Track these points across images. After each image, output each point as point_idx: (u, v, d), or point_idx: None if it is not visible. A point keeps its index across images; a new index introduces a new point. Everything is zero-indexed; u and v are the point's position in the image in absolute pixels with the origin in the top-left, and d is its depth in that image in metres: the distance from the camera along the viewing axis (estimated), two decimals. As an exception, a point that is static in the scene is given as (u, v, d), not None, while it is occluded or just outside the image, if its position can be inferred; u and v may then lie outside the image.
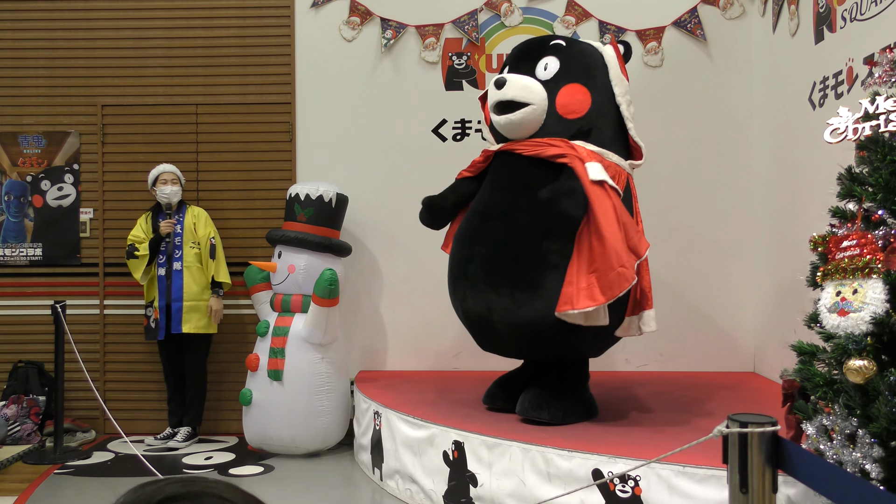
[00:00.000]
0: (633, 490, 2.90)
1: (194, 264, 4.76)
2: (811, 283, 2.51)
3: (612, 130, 3.65)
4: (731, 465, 1.62)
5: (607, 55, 3.71)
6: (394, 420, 3.87)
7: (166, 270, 4.73)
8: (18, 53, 5.21)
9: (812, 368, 2.37)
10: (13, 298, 5.20)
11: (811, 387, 2.34)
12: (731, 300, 4.94)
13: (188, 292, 4.72)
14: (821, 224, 2.64)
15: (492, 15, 5.07)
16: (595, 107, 3.60)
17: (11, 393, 4.93)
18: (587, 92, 3.59)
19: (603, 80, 3.66)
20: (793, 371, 2.49)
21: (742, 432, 1.58)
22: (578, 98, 3.57)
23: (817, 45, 3.91)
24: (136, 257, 4.74)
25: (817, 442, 2.25)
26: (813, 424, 2.28)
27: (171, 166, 4.87)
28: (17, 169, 5.20)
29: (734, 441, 1.60)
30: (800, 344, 2.48)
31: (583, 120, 3.57)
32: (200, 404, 4.89)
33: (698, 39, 4.97)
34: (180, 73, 5.17)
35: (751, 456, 1.58)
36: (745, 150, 4.92)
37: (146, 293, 4.83)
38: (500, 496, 3.26)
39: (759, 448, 1.57)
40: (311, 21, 5.14)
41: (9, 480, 4.20)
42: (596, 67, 3.67)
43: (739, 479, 1.58)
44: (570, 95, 3.57)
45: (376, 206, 5.08)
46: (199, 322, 4.75)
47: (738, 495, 1.56)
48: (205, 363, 4.92)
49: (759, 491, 1.55)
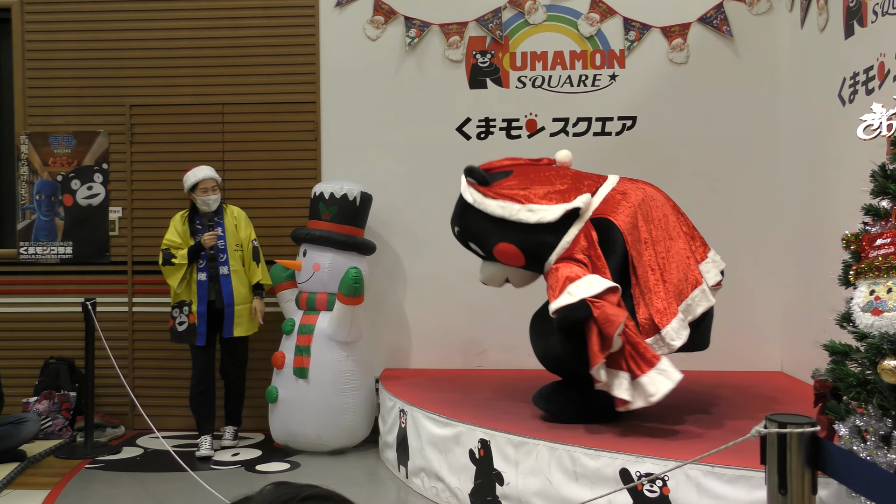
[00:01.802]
0: (661, 490, 2.89)
1: (239, 267, 4.71)
2: (843, 282, 2.49)
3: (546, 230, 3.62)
4: (769, 466, 1.60)
5: (472, 201, 3.78)
6: (419, 418, 3.88)
7: (208, 275, 4.64)
8: (49, 55, 5.29)
9: (845, 368, 2.35)
10: (45, 296, 5.28)
11: (844, 387, 2.32)
12: (758, 298, 4.89)
13: (238, 296, 4.66)
14: (852, 222, 2.61)
15: (516, 13, 5.06)
16: (518, 238, 3.67)
17: (43, 389, 5.01)
18: (503, 242, 3.71)
19: (495, 222, 3.70)
20: (825, 371, 2.47)
21: (781, 433, 1.57)
22: (507, 252, 3.73)
23: (847, 41, 3.86)
24: (173, 264, 4.63)
25: (850, 443, 2.23)
26: (846, 425, 2.26)
27: (210, 171, 4.70)
28: (48, 168, 5.28)
29: (773, 442, 1.58)
30: (832, 343, 2.46)
31: (527, 255, 3.69)
32: (240, 406, 4.87)
33: (724, 36, 4.92)
34: (207, 73, 5.22)
35: (790, 457, 1.56)
36: (772, 148, 4.87)
37: (174, 294, 4.72)
38: (526, 495, 3.27)
39: (799, 449, 1.55)
40: (336, 21, 5.16)
41: (41, 474, 4.27)
42: (482, 220, 3.75)
43: (778, 481, 1.56)
44: (502, 256, 3.78)
45: (400, 205, 5.09)
46: (246, 325, 4.73)
47: (776, 497, 1.55)
48: (245, 368, 4.87)
49: (798, 492, 1.53)
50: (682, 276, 3.55)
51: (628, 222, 3.58)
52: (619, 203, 3.65)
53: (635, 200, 3.65)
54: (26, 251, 5.27)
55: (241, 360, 4.84)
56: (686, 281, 3.55)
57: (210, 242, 4.59)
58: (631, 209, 3.62)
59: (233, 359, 4.80)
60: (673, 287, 3.51)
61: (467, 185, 3.85)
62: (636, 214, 3.61)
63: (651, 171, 4.84)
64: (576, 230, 3.60)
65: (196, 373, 4.73)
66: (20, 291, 5.30)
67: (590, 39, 5.02)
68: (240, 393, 4.87)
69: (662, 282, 3.50)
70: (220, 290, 4.65)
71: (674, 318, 3.43)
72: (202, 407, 4.73)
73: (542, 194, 3.66)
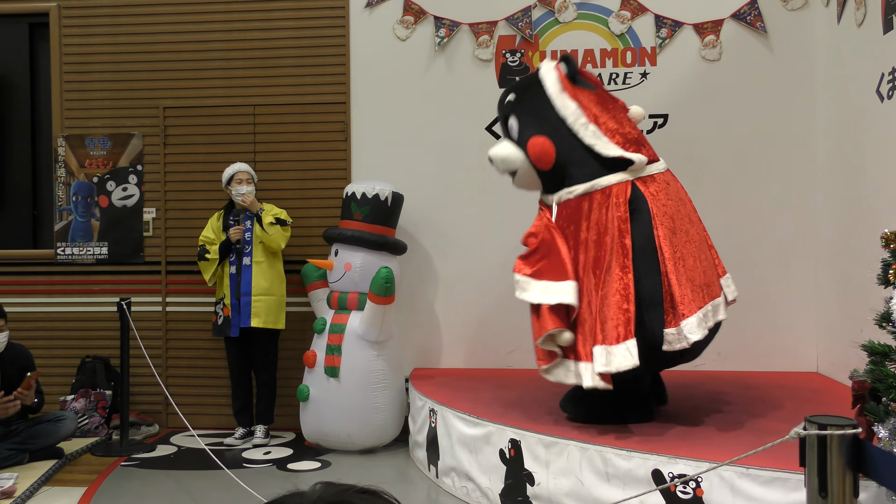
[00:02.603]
0: (694, 491, 2.86)
1: (262, 259, 4.79)
2: (882, 282, 2.44)
3: (590, 157, 3.50)
4: (809, 468, 1.57)
5: (548, 85, 3.63)
6: (449, 417, 3.88)
7: (237, 268, 4.78)
8: (85, 59, 5.39)
9: (884, 369, 2.30)
10: (81, 295, 5.38)
11: (884, 388, 2.27)
12: (793, 298, 4.82)
13: (256, 287, 4.74)
14: (891, 220, 2.57)
15: (546, 11, 5.04)
16: (561, 147, 3.54)
17: (80, 387, 5.10)
18: (546, 138, 3.55)
19: (554, 117, 3.58)
20: (863, 372, 2.42)
21: (821, 434, 1.53)
22: (543, 148, 3.55)
23: (886, 35, 3.78)
24: (207, 259, 4.82)
25: (890, 445, 2.19)
26: (886, 427, 2.21)
27: (245, 165, 4.91)
28: (85, 170, 5.38)
29: (812, 444, 1.55)
30: (871, 344, 2.41)
31: (557, 166, 3.55)
32: (271, 405, 4.94)
33: (758, 32, 4.85)
34: (238, 74, 5.27)
35: (830, 459, 1.53)
36: (808, 145, 4.79)
37: (217, 291, 4.92)
38: (557, 495, 3.25)
39: (840, 451, 1.51)
40: (366, 21, 5.18)
41: (79, 472, 4.35)
42: (544, 107, 3.61)
43: (818, 484, 1.53)
44: (535, 149, 3.57)
45: (431, 205, 5.10)
46: (268, 317, 4.78)
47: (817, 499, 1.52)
48: (275, 366, 4.96)
49: (839, 495, 1.50)
50: (708, 281, 3.42)
51: (662, 205, 3.41)
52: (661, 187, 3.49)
53: (674, 195, 3.52)
54: (63, 252, 5.37)
55: (266, 356, 4.90)
56: (710, 287, 3.41)
57: (236, 236, 4.75)
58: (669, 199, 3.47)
59: (258, 353, 4.87)
60: (699, 286, 3.37)
61: (553, 69, 3.69)
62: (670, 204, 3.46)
63: (683, 169, 4.77)
64: (611, 180, 3.43)
65: (229, 365, 4.94)
66: (57, 291, 5.40)
67: (620, 37, 4.98)
68: (269, 391, 4.92)
69: (689, 280, 3.33)
70: (240, 279, 4.74)
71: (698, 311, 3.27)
72: (234, 401, 4.95)
73: (611, 127, 3.53)
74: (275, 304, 4.81)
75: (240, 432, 4.89)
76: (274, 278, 4.83)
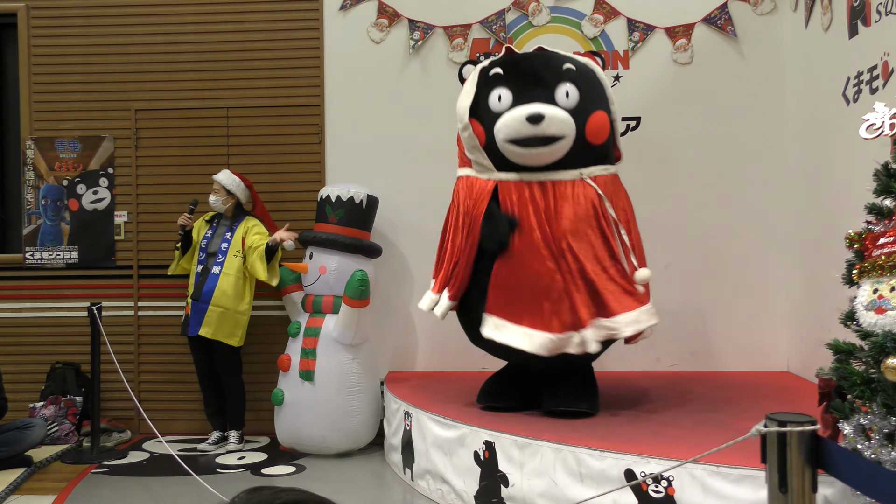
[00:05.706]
0: (666, 490, 2.88)
1: (232, 273, 4.70)
2: (847, 281, 2.48)
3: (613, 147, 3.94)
4: (769, 464, 1.60)
5: (599, 73, 3.85)
6: (424, 420, 3.88)
7: (202, 269, 4.74)
8: (54, 60, 5.32)
9: (849, 367, 2.34)
10: (51, 301, 5.30)
11: (848, 385, 2.31)
12: (764, 298, 4.88)
13: (216, 297, 4.65)
14: (856, 221, 2.61)
15: (519, 14, 5.07)
16: (611, 129, 3.82)
17: (49, 394, 5.03)
18: (607, 116, 3.76)
19: (605, 101, 3.81)
20: (829, 370, 2.46)
21: (781, 431, 1.56)
22: (605, 125, 3.74)
23: (851, 40, 3.85)
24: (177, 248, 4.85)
25: (855, 441, 2.23)
26: (850, 424, 2.25)
27: (222, 175, 4.82)
28: (54, 173, 5.31)
29: (773, 440, 1.58)
30: (836, 342, 2.45)
31: (605, 144, 3.78)
32: (240, 410, 4.88)
33: (728, 36, 4.92)
34: (211, 76, 5.24)
35: (790, 455, 1.56)
36: (777, 146, 4.86)
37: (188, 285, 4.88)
38: (531, 496, 3.26)
39: (799, 447, 1.54)
40: (340, 23, 5.17)
41: (48, 480, 4.28)
42: (602, 89, 3.82)
43: (779, 479, 1.56)
44: (598, 124, 3.69)
45: (406, 207, 5.09)
46: (219, 330, 4.67)
47: (777, 495, 1.55)
48: (238, 373, 4.87)
49: (798, 491, 1.53)
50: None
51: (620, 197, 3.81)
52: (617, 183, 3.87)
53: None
54: (32, 256, 5.30)
55: (226, 364, 4.80)
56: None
57: (181, 221, 4.75)
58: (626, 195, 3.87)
59: (219, 359, 4.79)
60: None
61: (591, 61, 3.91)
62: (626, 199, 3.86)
63: (655, 171, 4.85)
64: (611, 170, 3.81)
65: (195, 366, 4.89)
66: (26, 296, 5.32)
67: (593, 40, 5.02)
68: (237, 396, 4.86)
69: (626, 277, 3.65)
70: (203, 284, 4.69)
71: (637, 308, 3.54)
72: (207, 407, 4.93)
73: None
74: (229, 320, 4.68)
75: (213, 437, 4.85)
76: (238, 294, 4.71)
